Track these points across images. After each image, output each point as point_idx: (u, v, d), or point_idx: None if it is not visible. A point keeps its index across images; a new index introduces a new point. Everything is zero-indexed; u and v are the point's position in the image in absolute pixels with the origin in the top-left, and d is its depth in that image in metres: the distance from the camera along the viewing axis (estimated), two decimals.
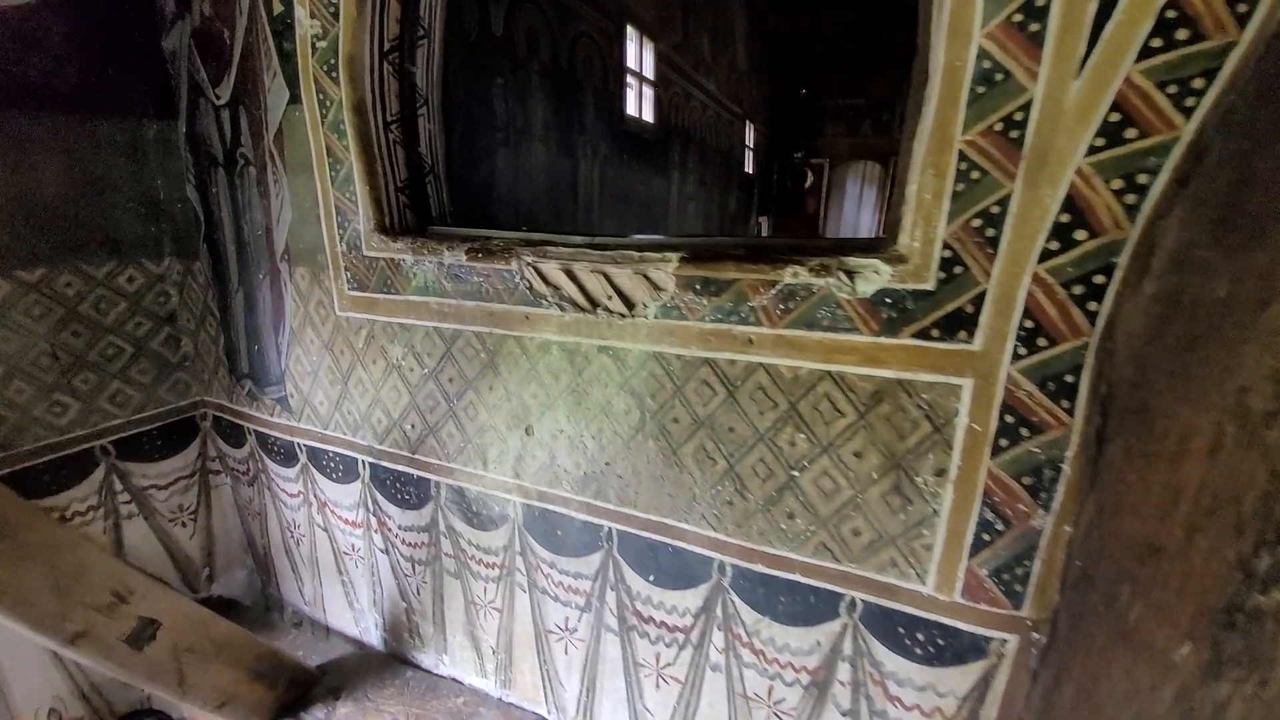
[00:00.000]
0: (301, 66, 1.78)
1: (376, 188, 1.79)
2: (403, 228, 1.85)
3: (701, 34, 6.54)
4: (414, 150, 1.90)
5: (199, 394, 2.48)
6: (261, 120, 1.93)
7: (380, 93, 1.77)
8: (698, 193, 7.05)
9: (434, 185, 1.97)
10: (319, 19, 1.72)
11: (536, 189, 3.84)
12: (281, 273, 2.03)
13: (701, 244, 1.48)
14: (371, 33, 1.71)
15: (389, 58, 1.77)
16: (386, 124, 1.80)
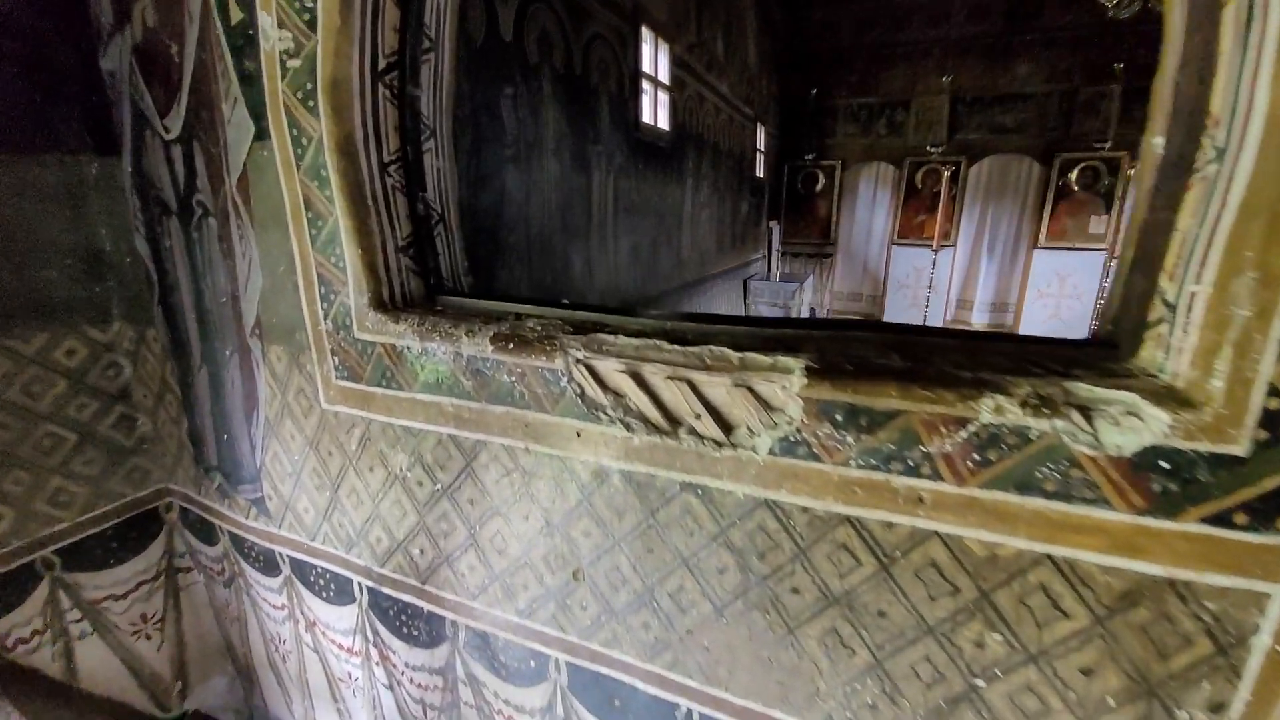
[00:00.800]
0: (269, 92, 1.33)
1: (370, 250, 1.33)
2: (406, 300, 1.40)
3: (715, 33, 6.07)
4: (419, 196, 1.44)
5: (161, 481, 2.02)
6: (221, 160, 1.47)
7: (374, 125, 1.32)
8: (711, 199, 6.60)
9: (445, 239, 1.52)
10: (290, 29, 1.26)
11: (548, 207, 3.39)
12: (252, 351, 1.58)
13: (834, 342, 1.04)
14: (361, 47, 1.26)
15: (385, 79, 1.32)
16: (383, 166, 1.35)
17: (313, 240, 1.36)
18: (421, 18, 1.37)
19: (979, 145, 7.88)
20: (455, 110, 1.64)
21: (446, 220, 1.52)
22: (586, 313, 1.26)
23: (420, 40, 1.38)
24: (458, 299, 1.42)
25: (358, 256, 1.32)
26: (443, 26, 1.44)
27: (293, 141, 1.32)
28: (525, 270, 3.17)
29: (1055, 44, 7.38)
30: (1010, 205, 7.84)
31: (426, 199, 1.46)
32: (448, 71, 1.47)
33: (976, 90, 7.78)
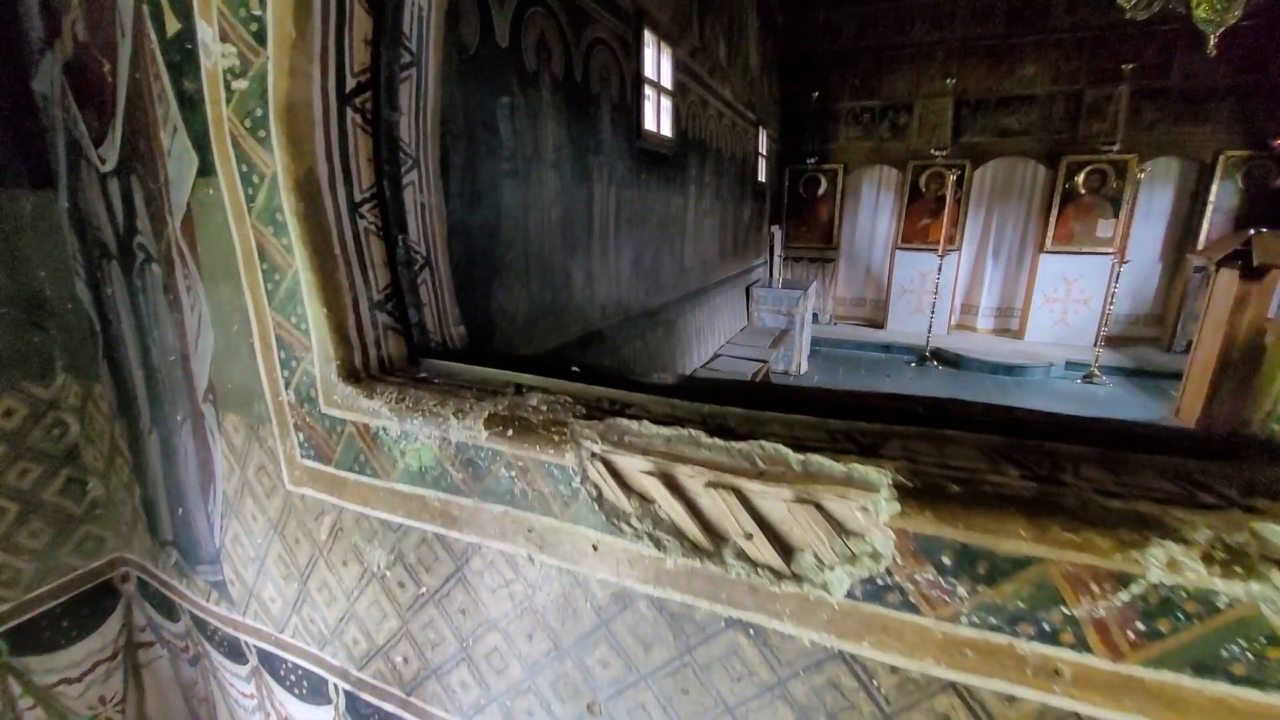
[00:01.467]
0: (212, 119, 1.08)
1: (338, 309, 1.09)
2: (383, 365, 1.16)
3: (717, 36, 5.81)
4: (399, 239, 1.20)
5: (116, 549, 1.77)
6: (162, 198, 1.22)
7: (342, 158, 1.07)
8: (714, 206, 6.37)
9: (431, 286, 1.27)
10: (234, 43, 1.01)
11: (548, 222, 3.14)
12: (206, 419, 1.33)
13: (926, 441, 0.80)
14: (324, 64, 1.01)
15: (354, 101, 1.07)
16: (353, 206, 1.10)
17: (269, 297, 1.12)
18: (400, 27, 1.12)
19: (984, 148, 7.64)
20: (445, 127, 1.40)
21: (433, 263, 1.27)
22: (602, 388, 1.01)
23: (398, 54, 1.13)
24: (445, 363, 1.17)
25: (323, 317, 1.07)
26: (426, 36, 1.19)
27: (242, 179, 1.07)
28: (524, 289, 2.92)
29: (1060, 45, 7.15)
30: (1016, 209, 7.61)
31: (408, 241, 1.21)
32: (433, 89, 1.23)
33: (981, 93, 7.54)
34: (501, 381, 1.08)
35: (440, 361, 1.18)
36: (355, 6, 1.03)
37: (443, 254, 1.30)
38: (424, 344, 1.24)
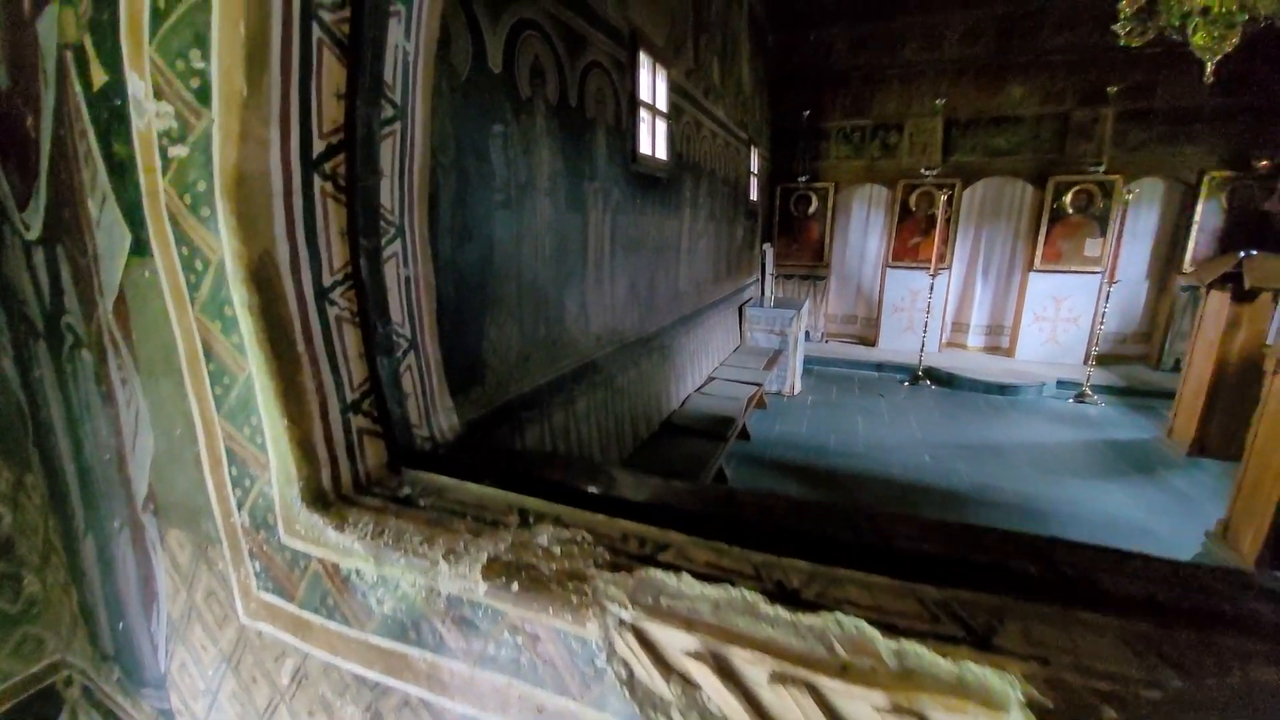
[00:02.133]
0: (146, 190, 0.87)
1: (303, 419, 0.88)
2: (357, 481, 0.95)
3: (711, 57, 5.68)
4: (378, 324, 0.99)
5: (58, 651, 1.53)
6: (91, 275, 1.00)
7: (308, 234, 0.87)
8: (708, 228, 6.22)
9: (417, 373, 1.07)
10: (171, 101, 0.81)
11: (541, 253, 2.95)
12: (147, 530, 1.11)
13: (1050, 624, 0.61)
14: (284, 125, 0.81)
15: (323, 167, 0.87)
16: (322, 291, 0.90)
17: (217, 403, 0.91)
18: (380, 76, 0.92)
19: (973, 168, 7.60)
20: (435, 160, 1.21)
21: (419, 345, 1.07)
22: (628, 523, 0.82)
23: (379, 108, 0.93)
24: (433, 477, 0.97)
25: (282, 429, 0.86)
26: (413, 85, 0.99)
27: (183, 263, 0.86)
28: (516, 324, 2.72)
29: (1049, 67, 7.13)
30: (1005, 228, 7.57)
31: (390, 325, 1.01)
32: (420, 145, 1.03)
33: (970, 113, 7.51)
34: (502, 506, 0.88)
35: (427, 474, 0.97)
36: (325, 55, 0.83)
37: (430, 332, 1.10)
38: (407, 445, 1.03)
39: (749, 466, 4.79)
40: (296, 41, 0.79)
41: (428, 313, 1.08)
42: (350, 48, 0.85)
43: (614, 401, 3.84)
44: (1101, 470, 4.93)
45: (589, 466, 0.97)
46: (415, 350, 1.05)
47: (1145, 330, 7.36)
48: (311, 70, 0.81)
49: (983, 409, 6.18)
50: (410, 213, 1.03)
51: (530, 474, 0.94)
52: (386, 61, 0.91)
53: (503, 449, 1.07)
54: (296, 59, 0.80)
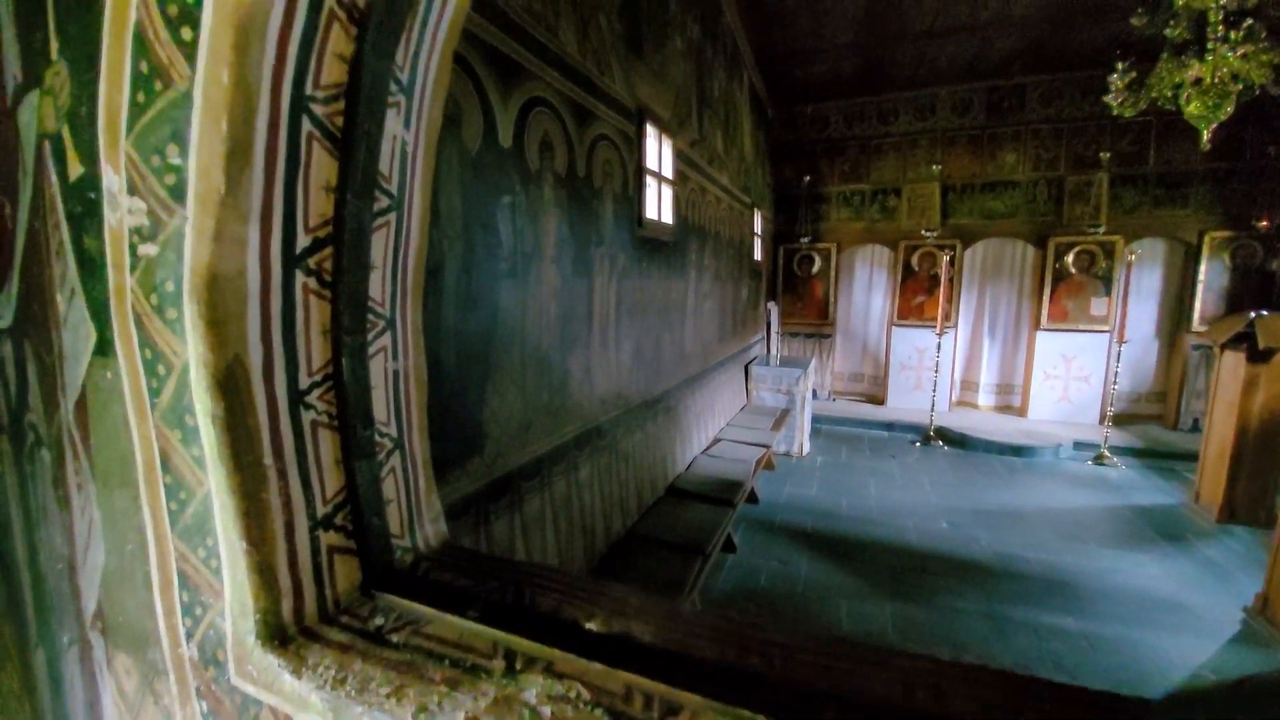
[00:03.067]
0: (114, 288, 0.80)
1: (265, 542, 0.77)
2: (323, 611, 0.83)
3: (715, 129, 5.86)
4: (357, 426, 0.90)
5: None
6: (56, 373, 0.93)
7: (285, 336, 0.79)
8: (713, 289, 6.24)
9: (401, 475, 0.97)
10: (144, 197, 0.75)
11: (546, 319, 2.89)
12: (95, 649, 0.98)
13: None
14: (266, 224, 0.75)
15: (307, 262, 0.80)
16: (298, 396, 0.81)
17: (172, 520, 0.80)
18: (374, 167, 0.87)
19: (972, 230, 7.67)
20: (442, 231, 1.14)
21: (405, 445, 0.97)
22: (630, 675, 0.69)
23: (371, 198, 0.88)
24: (411, 605, 0.84)
25: (240, 554, 0.75)
26: (410, 174, 0.94)
27: (145, 367, 0.78)
28: (518, 391, 2.62)
29: (1039, 135, 7.32)
30: (1008, 287, 7.56)
31: (373, 425, 0.91)
32: (416, 234, 0.97)
33: (965, 178, 7.65)
34: (486, 646, 0.75)
35: (404, 601, 0.85)
36: (315, 149, 0.78)
37: (419, 429, 1.00)
38: (385, 563, 0.91)
39: (758, 532, 4.57)
40: (284, 137, 0.73)
41: (417, 408, 0.98)
42: (343, 140, 0.80)
43: (618, 467, 3.70)
44: (1128, 538, 4.67)
45: (588, 587, 0.84)
46: (401, 450, 0.95)
47: (1159, 389, 7.19)
48: (299, 165, 0.76)
49: (999, 471, 5.96)
50: (403, 304, 0.95)
51: (520, 601, 0.81)
52: (383, 152, 0.86)
53: (491, 557, 0.95)
54: (283, 154, 0.74)
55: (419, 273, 0.97)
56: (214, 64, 0.68)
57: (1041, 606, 3.70)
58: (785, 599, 3.67)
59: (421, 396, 1.00)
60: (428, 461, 1.01)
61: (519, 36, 2.48)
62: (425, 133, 0.92)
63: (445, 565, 0.94)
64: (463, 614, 0.80)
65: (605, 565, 3.09)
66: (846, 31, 6.25)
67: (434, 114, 0.92)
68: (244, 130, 0.70)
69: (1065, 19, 5.87)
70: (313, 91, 0.75)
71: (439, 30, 0.89)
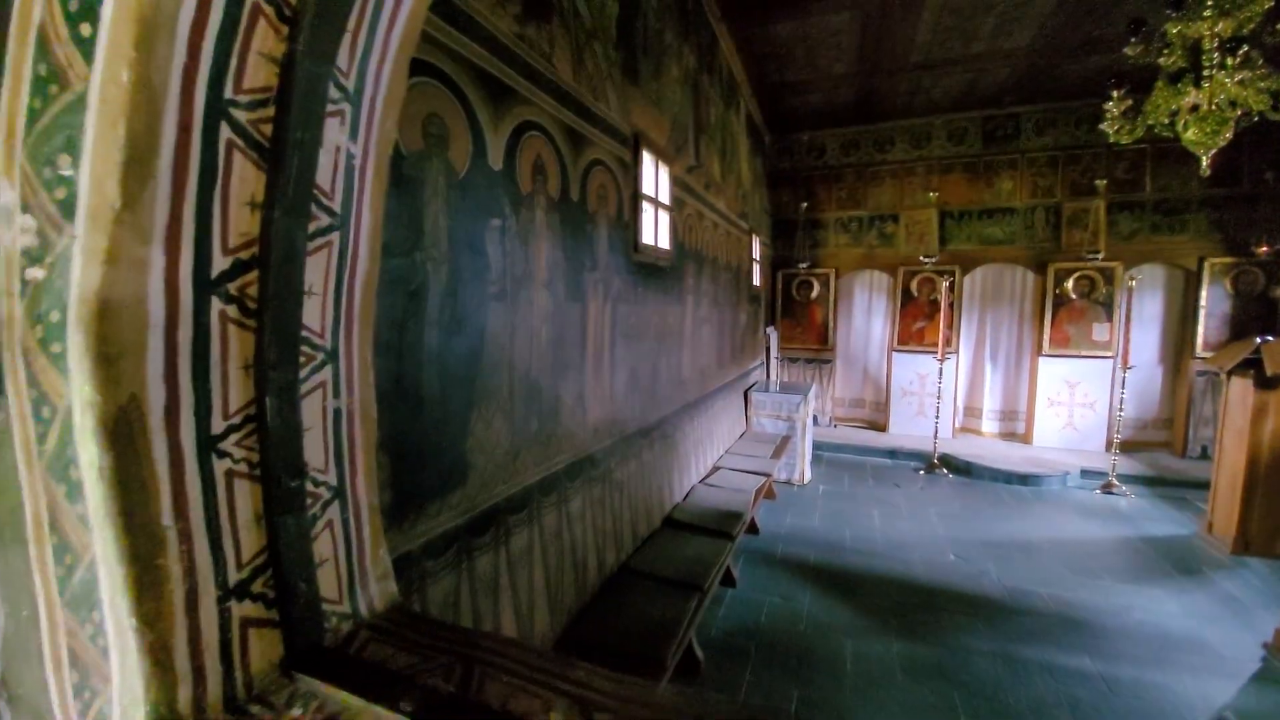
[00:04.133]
0: (5, 317, 0.70)
1: (161, 618, 0.64)
2: (230, 699, 0.70)
3: (712, 155, 5.86)
4: (283, 476, 0.77)
5: None
6: None
7: (196, 373, 0.68)
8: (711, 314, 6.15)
9: (342, 529, 0.84)
10: (35, 214, 0.65)
11: (537, 345, 2.78)
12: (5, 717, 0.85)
13: None
14: (172, 243, 0.64)
15: (225, 288, 0.70)
16: (209, 442, 0.69)
17: (60, 587, 0.68)
18: (310, 180, 0.77)
19: (970, 256, 7.62)
20: (426, 254, 1.04)
21: (347, 493, 0.85)
22: None
23: (307, 216, 0.78)
24: (335, 690, 0.71)
25: (130, 632, 0.63)
26: (358, 191, 0.84)
27: (32, 408, 0.67)
28: (506, 419, 2.49)
29: (1034, 163, 7.32)
30: (1009, 313, 7.47)
31: (306, 472, 0.79)
32: (365, 256, 0.86)
33: (962, 204, 7.64)
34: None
35: (327, 688, 0.72)
36: (236, 159, 0.68)
37: (366, 475, 0.88)
38: (313, 633, 0.78)
39: (759, 565, 4.38)
40: (197, 144, 0.63)
41: (363, 450, 0.86)
42: (273, 151, 0.70)
43: (612, 498, 3.54)
44: (1142, 572, 4.48)
45: (549, 667, 0.71)
46: (341, 499, 0.83)
47: (1166, 416, 7.03)
48: (216, 177, 0.66)
49: (1006, 500, 5.77)
50: (347, 334, 0.84)
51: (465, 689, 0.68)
52: (321, 165, 0.76)
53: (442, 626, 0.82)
54: (196, 164, 0.64)
55: (368, 298, 0.86)
56: (113, 62, 0.58)
57: (1056, 645, 3.50)
58: (787, 637, 3.48)
59: (370, 437, 0.88)
60: (375, 510, 0.89)
61: (510, 60, 2.43)
62: (376, 146, 0.82)
63: (388, 636, 0.81)
64: (394, 706, 0.66)
65: (597, 602, 2.92)
66: (841, 63, 6.30)
67: (387, 125, 0.83)
68: (147, 136, 0.60)
69: (1056, 51, 5.91)
70: (234, 95, 0.65)
71: (391, 36, 0.81)
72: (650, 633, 2.62)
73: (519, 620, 2.50)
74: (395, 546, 1.82)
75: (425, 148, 1.99)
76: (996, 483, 6.22)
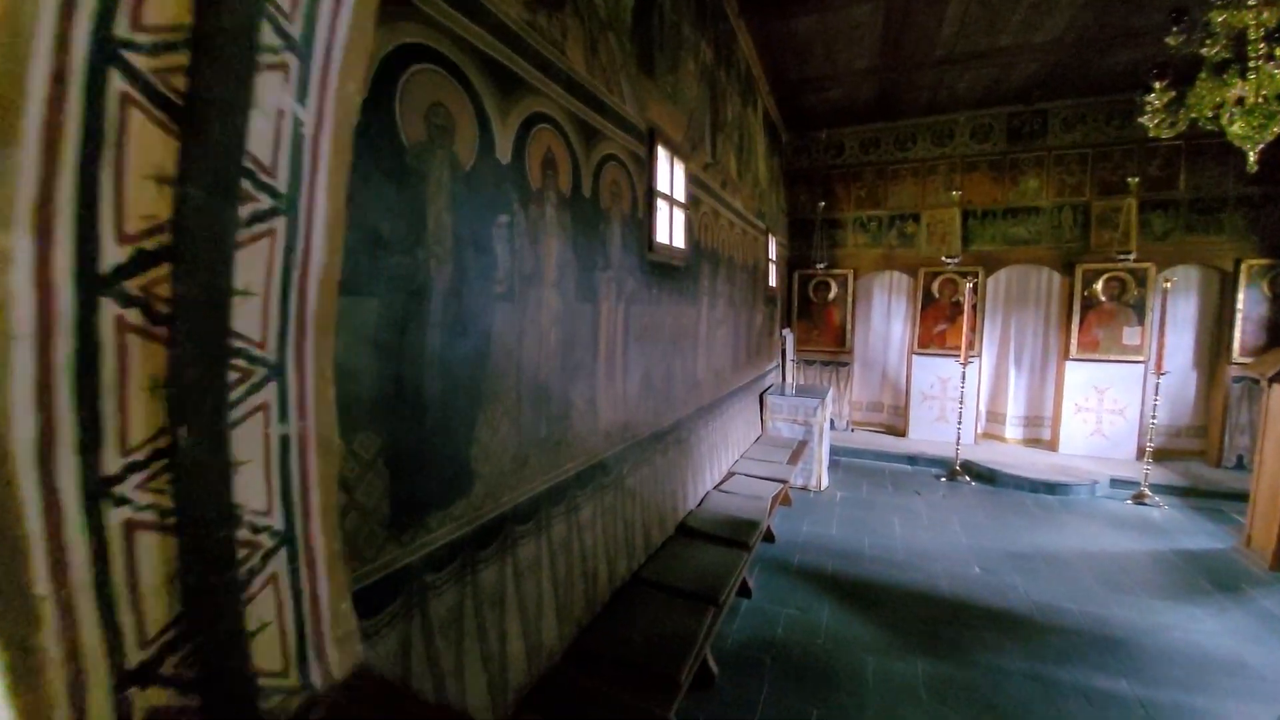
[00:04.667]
0: None
1: (41, 712, 0.49)
2: None
3: (728, 153, 5.65)
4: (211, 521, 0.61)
5: None
6: None
7: (80, 396, 0.51)
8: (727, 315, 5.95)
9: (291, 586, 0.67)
10: None
11: (546, 347, 2.61)
12: None
13: None
14: (44, 226, 0.48)
15: (122, 286, 0.53)
16: (100, 487, 0.53)
17: None
18: (240, 150, 0.60)
19: (994, 256, 7.31)
20: (428, 250, 0.87)
21: (300, 541, 0.68)
22: None
23: (234, 194, 0.61)
24: None
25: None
26: (311, 166, 0.67)
27: None
28: (513, 425, 2.33)
29: (1062, 160, 6.99)
30: (1034, 315, 7.14)
31: (238, 517, 0.62)
32: (322, 249, 0.69)
33: (986, 203, 7.33)
34: None
35: None
36: (134, 119, 0.51)
37: (322, 514, 0.71)
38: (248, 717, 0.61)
39: (775, 574, 4.18)
40: (76, 98, 0.47)
41: (320, 486, 0.70)
42: (187, 110, 0.53)
43: (624, 505, 3.37)
44: (1179, 588, 4.19)
45: None
46: (290, 548, 0.66)
47: (1200, 424, 6.66)
48: (102, 141, 0.49)
49: (1032, 510, 5.49)
50: (298, 344, 0.67)
51: None
52: (256, 133, 0.59)
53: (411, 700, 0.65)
54: (75, 125, 0.48)
55: (328, 300, 0.70)
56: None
57: (1090, 666, 3.25)
58: (805, 653, 3.28)
59: (328, 467, 0.71)
60: (337, 558, 0.72)
61: (520, 49, 2.27)
62: (335, 111, 0.65)
63: (346, 713, 0.64)
64: None
65: (607, 613, 2.76)
66: (862, 58, 6.05)
67: (348, 88, 0.66)
68: (4, 86, 0.44)
69: (1089, 43, 5.59)
70: (130, 34, 0.48)
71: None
72: (663, 647, 2.45)
73: (526, 633, 2.35)
74: (393, 560, 1.69)
75: (428, 139, 1.84)
76: (1021, 491, 5.93)
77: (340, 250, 0.70)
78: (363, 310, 1.60)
